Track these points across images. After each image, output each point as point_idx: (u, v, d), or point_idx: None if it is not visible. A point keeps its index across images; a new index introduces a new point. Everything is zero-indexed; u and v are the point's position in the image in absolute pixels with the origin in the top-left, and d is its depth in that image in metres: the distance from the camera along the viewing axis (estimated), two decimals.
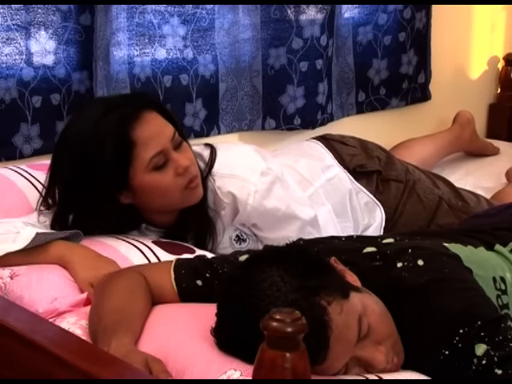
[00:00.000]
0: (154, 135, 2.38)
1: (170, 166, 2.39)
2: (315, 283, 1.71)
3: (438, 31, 3.80)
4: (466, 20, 3.93)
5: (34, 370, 1.72)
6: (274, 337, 1.32)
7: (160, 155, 2.37)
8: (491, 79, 4.04)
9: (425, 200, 3.02)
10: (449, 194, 3.06)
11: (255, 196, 2.54)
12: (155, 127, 2.40)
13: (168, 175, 2.40)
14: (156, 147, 2.36)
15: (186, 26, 3.21)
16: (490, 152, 3.83)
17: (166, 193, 2.42)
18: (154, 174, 2.38)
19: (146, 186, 2.39)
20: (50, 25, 2.94)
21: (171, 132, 2.42)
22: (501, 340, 1.76)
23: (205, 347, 1.77)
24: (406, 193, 3.02)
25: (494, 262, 2.07)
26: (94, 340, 1.84)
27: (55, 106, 2.98)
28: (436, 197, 3.03)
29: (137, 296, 1.94)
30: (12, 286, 2.20)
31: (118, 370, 1.62)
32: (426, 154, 3.55)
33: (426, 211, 3.00)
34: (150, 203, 2.45)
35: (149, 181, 2.38)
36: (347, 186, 2.92)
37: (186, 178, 2.42)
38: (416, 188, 3.04)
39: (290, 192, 2.66)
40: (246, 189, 2.54)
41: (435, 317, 1.83)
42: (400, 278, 1.90)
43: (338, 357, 1.71)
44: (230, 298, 1.75)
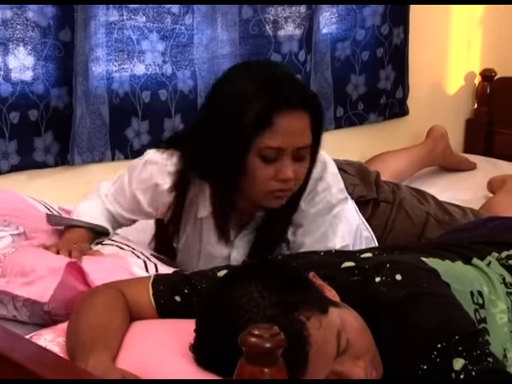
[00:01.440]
0: (288, 132, 2.33)
1: (274, 166, 2.34)
2: (294, 298, 1.70)
3: (415, 47, 3.81)
4: (442, 36, 3.94)
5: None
6: (252, 352, 1.32)
7: (274, 151, 2.33)
8: (468, 94, 4.05)
9: (413, 216, 3.02)
10: (435, 209, 3.06)
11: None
12: (295, 127, 2.34)
13: (266, 172, 2.35)
14: (278, 142, 2.32)
15: (164, 41, 3.22)
16: (466, 167, 3.84)
17: (255, 182, 2.37)
18: (259, 161, 2.34)
19: (249, 168, 2.34)
20: (28, 41, 2.94)
21: (304, 143, 2.36)
22: (478, 354, 1.76)
23: (183, 363, 1.75)
24: (394, 210, 3.02)
25: (472, 276, 2.06)
26: (71, 357, 1.83)
27: (33, 121, 2.98)
28: (423, 213, 3.03)
29: (115, 312, 1.92)
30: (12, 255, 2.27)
31: None
32: (399, 167, 3.56)
33: (415, 227, 3.00)
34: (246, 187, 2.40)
35: (252, 164, 2.34)
36: (356, 219, 2.87)
37: (277, 186, 2.36)
38: (403, 205, 3.04)
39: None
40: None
41: (413, 332, 1.82)
42: (378, 292, 1.90)
43: (316, 372, 1.70)
44: (208, 313, 1.75)
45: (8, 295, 2.15)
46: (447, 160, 3.79)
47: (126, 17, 3.13)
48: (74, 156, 3.05)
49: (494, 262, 2.15)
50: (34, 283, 2.15)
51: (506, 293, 2.07)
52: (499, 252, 2.19)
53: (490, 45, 4.04)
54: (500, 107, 3.97)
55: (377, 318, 1.85)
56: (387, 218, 3.01)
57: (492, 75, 3.99)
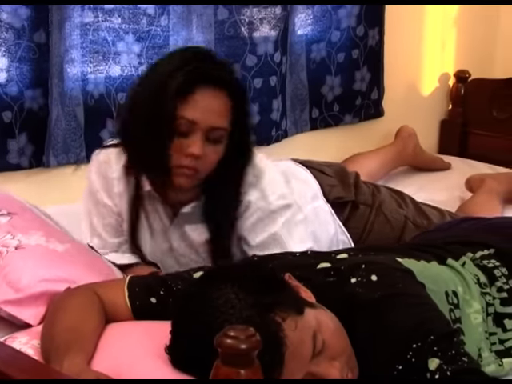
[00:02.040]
0: (204, 108, 2.30)
1: (185, 141, 2.30)
2: (270, 300, 1.70)
3: (390, 48, 3.81)
4: (417, 37, 3.95)
5: None
6: (228, 354, 1.31)
7: (187, 123, 2.29)
8: (442, 96, 4.06)
9: (392, 220, 3.00)
10: (413, 213, 3.04)
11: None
12: (213, 105, 2.31)
13: (176, 144, 2.30)
14: (193, 115, 2.29)
15: (140, 43, 3.20)
16: (440, 166, 3.84)
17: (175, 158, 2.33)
18: (174, 133, 2.30)
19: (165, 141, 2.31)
20: (2, 42, 2.91)
21: (220, 124, 2.33)
22: (453, 354, 1.77)
23: (159, 365, 1.75)
24: (373, 213, 2.99)
25: (447, 277, 2.07)
26: (46, 359, 1.82)
27: (7, 123, 2.95)
28: (402, 216, 3.02)
29: (90, 314, 1.91)
30: (13, 255, 2.19)
31: None
32: (371, 168, 3.55)
33: (393, 231, 2.98)
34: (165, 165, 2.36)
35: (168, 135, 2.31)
36: (330, 223, 2.88)
37: (183, 161, 2.31)
38: (382, 208, 3.03)
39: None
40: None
41: (389, 332, 1.82)
42: (354, 293, 1.90)
43: (292, 373, 1.70)
44: (184, 315, 1.74)
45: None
46: (418, 160, 3.79)
47: (101, 18, 3.11)
48: (50, 158, 3.03)
49: (468, 263, 2.16)
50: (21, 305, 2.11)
51: (481, 293, 2.08)
52: (474, 252, 2.20)
53: (464, 46, 4.05)
54: (474, 108, 3.98)
55: (352, 319, 1.85)
56: (366, 221, 2.98)
57: (466, 76, 4.00)
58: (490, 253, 2.20)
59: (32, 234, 2.29)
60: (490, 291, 2.10)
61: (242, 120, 2.39)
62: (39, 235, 2.30)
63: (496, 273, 2.14)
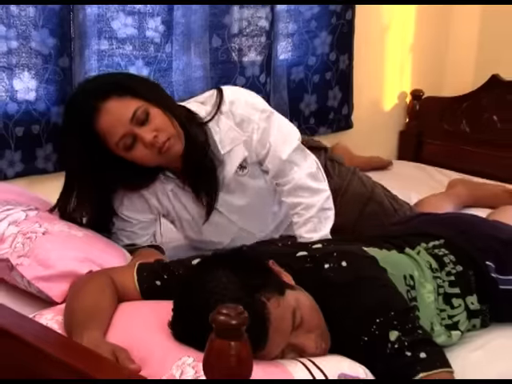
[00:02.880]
0: (114, 123, 2.22)
1: (137, 144, 2.24)
2: (256, 283, 1.70)
3: (358, 71, 3.81)
4: (380, 62, 3.95)
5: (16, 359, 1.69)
6: (220, 328, 1.31)
7: (125, 138, 2.23)
8: (401, 111, 4.06)
9: (365, 180, 2.99)
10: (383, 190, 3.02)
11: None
12: (113, 116, 2.22)
13: (139, 150, 2.25)
14: (117, 133, 2.22)
15: (148, 67, 3.18)
16: (379, 164, 3.77)
17: (145, 162, 2.30)
18: (128, 152, 2.25)
19: (129, 159, 2.28)
20: (32, 67, 2.90)
21: (131, 112, 2.23)
22: (410, 327, 1.78)
23: (163, 338, 1.75)
24: (350, 174, 2.97)
25: (404, 263, 2.07)
26: (68, 333, 1.81)
27: (35, 135, 2.94)
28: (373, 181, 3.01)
29: (105, 295, 1.91)
30: (41, 239, 2.17)
31: (89, 359, 1.60)
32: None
33: (365, 188, 2.96)
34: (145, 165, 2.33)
35: (127, 157, 2.27)
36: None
37: (154, 148, 2.24)
38: (357, 172, 3.00)
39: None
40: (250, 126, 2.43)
41: (356, 309, 1.82)
42: (327, 277, 1.90)
43: (275, 344, 1.70)
44: (184, 296, 1.74)
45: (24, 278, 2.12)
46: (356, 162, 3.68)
47: (115, 46, 3.09)
48: None
49: (422, 251, 2.16)
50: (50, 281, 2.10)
51: (433, 276, 2.09)
52: (427, 243, 2.20)
53: (418, 69, 4.06)
54: (427, 121, 3.98)
55: (326, 299, 1.85)
56: (343, 180, 2.94)
57: (420, 95, 4.00)
58: (441, 243, 2.20)
59: (56, 224, 2.28)
60: (440, 275, 2.11)
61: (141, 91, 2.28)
62: (61, 224, 2.29)
63: (445, 260, 2.15)
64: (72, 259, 2.13)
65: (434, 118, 3.95)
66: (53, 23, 2.90)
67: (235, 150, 2.44)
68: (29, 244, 2.16)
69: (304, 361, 1.72)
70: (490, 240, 2.25)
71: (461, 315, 2.07)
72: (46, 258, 2.12)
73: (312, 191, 2.49)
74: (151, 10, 3.13)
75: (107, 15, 3.03)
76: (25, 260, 2.12)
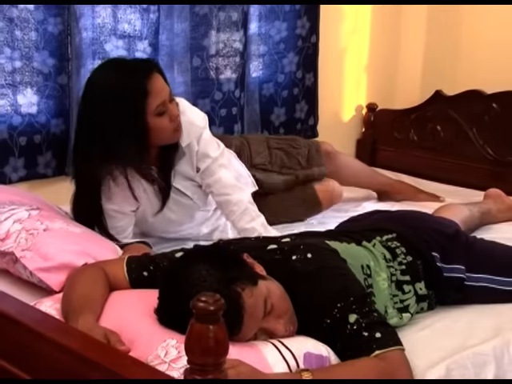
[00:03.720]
0: (160, 89, 2.37)
1: (166, 114, 2.38)
2: (232, 274, 1.68)
3: (322, 87, 3.79)
4: (340, 79, 3.93)
5: (19, 342, 1.67)
6: (200, 314, 1.30)
7: (162, 105, 2.36)
8: (358, 121, 4.04)
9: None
10: None
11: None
12: (161, 84, 2.38)
13: (165, 121, 2.38)
14: (161, 98, 2.36)
15: None
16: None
17: (163, 132, 2.40)
18: (157, 118, 2.37)
19: (153, 127, 2.37)
20: (34, 84, 2.89)
21: (169, 89, 2.42)
22: (367, 311, 1.77)
23: (150, 322, 1.72)
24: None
25: (362, 254, 2.06)
26: (65, 319, 1.79)
27: (37, 144, 2.93)
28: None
29: (98, 285, 1.88)
30: (42, 234, 2.15)
31: (84, 342, 1.59)
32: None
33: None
34: (154, 140, 2.41)
35: (154, 123, 2.36)
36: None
37: (175, 124, 2.42)
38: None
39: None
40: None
41: (320, 296, 1.81)
42: (294, 267, 1.88)
43: (249, 329, 1.69)
44: (168, 285, 1.72)
45: (27, 269, 2.10)
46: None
47: None
48: (70, 169, 2.94)
49: (377, 244, 2.15)
50: (49, 271, 2.07)
51: (386, 266, 2.08)
52: (381, 236, 2.19)
53: (373, 85, 4.04)
54: (381, 131, 3.97)
55: (294, 287, 1.83)
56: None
57: (375, 107, 3.99)
58: (393, 236, 2.19)
59: (56, 221, 2.25)
60: (393, 265, 2.10)
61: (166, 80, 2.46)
62: (61, 222, 2.27)
63: (397, 251, 2.14)
64: (69, 252, 2.11)
65: (387, 127, 3.94)
66: (52, 46, 2.89)
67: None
68: (31, 239, 2.14)
69: (274, 342, 1.71)
70: (436, 234, 2.25)
71: (411, 299, 2.07)
72: (46, 251, 2.10)
73: (238, 188, 2.59)
74: (139, 34, 3.10)
75: (101, 38, 3.01)
76: (27, 253, 2.10)
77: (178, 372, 1.55)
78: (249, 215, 2.55)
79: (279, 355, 1.66)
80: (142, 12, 3.08)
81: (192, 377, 1.32)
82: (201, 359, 1.31)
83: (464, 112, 3.67)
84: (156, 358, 1.62)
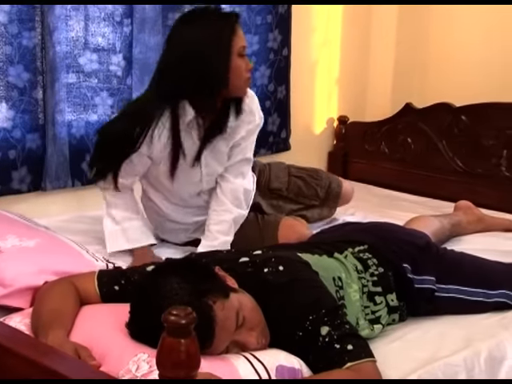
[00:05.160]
0: (242, 35, 2.47)
1: (244, 60, 2.46)
2: (203, 287, 1.65)
3: (294, 100, 3.78)
4: (312, 93, 3.93)
5: None
6: (171, 327, 1.27)
7: (243, 48, 2.45)
8: (329, 134, 4.04)
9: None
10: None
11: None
12: (242, 32, 2.48)
13: (243, 64, 2.45)
14: (243, 42, 2.46)
15: (112, 97, 3.12)
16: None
17: (239, 76, 2.44)
18: (239, 58, 2.43)
19: (233, 66, 2.41)
20: (9, 98, 2.84)
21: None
22: (339, 323, 1.75)
23: (121, 337, 1.69)
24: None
25: (334, 266, 2.04)
26: (35, 334, 1.75)
27: (11, 159, 2.87)
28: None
29: (68, 299, 1.84)
30: None
31: (54, 357, 1.55)
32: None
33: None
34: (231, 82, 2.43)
35: (235, 62, 2.41)
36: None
37: (247, 75, 2.47)
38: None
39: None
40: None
41: (292, 308, 1.79)
42: (266, 280, 1.86)
43: (221, 341, 1.66)
44: (139, 299, 1.69)
45: None
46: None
47: (82, 79, 3.03)
48: (46, 183, 2.95)
49: (349, 255, 2.13)
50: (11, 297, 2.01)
51: (358, 277, 2.06)
52: (353, 248, 2.17)
53: (344, 99, 4.04)
54: (352, 143, 3.97)
55: (266, 299, 1.80)
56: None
57: (346, 120, 3.99)
58: (365, 248, 2.18)
59: (7, 238, 2.19)
60: (364, 276, 2.08)
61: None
62: (13, 237, 2.20)
63: (369, 262, 2.12)
64: (27, 275, 2.04)
65: (358, 140, 3.95)
66: (27, 60, 2.85)
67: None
68: None
69: (246, 355, 1.69)
70: (407, 245, 2.25)
71: (382, 311, 2.05)
72: (3, 278, 2.03)
73: (239, 202, 2.59)
74: (113, 48, 3.08)
75: (74, 52, 2.99)
76: None
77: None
78: (226, 227, 2.58)
79: (251, 368, 1.64)
80: (116, 25, 3.05)
81: None
82: (172, 373, 1.28)
83: (434, 124, 3.68)
84: (127, 372, 1.58)
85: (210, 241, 2.56)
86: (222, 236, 2.56)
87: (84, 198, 3.10)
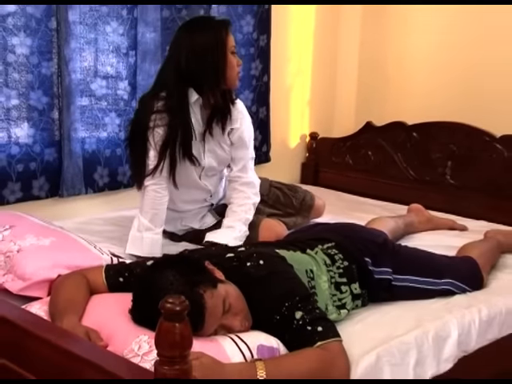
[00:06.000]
0: (232, 38, 2.48)
1: (235, 58, 2.49)
2: (195, 279, 1.64)
3: (273, 119, 3.76)
4: (287, 112, 3.92)
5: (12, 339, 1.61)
6: (167, 313, 1.27)
7: (233, 47, 2.48)
8: (302, 148, 4.02)
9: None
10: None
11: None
12: (232, 34, 2.50)
13: (235, 61, 2.48)
14: (233, 42, 2.48)
15: (120, 117, 3.09)
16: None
17: (232, 70, 2.47)
18: (231, 56, 2.46)
19: (228, 61, 2.45)
20: (31, 119, 2.82)
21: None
22: (310, 308, 1.74)
23: (125, 321, 1.68)
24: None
25: (306, 261, 2.03)
26: (52, 319, 1.73)
27: (32, 170, 2.85)
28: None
29: (80, 289, 1.82)
30: (17, 256, 2.07)
31: (68, 339, 1.55)
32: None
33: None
34: (227, 75, 2.47)
35: (229, 58, 2.45)
36: None
37: (238, 70, 2.50)
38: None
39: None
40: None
41: (271, 296, 1.77)
42: (249, 273, 1.85)
43: (210, 325, 1.65)
44: (141, 289, 1.67)
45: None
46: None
47: (94, 102, 3.01)
48: (63, 191, 2.92)
49: (319, 251, 2.12)
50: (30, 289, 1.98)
51: (327, 270, 2.05)
52: (322, 245, 2.16)
53: (314, 117, 4.03)
54: (321, 156, 3.96)
55: (248, 289, 1.79)
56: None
57: (316, 136, 3.98)
58: (332, 245, 2.17)
59: (26, 238, 2.16)
60: (332, 269, 2.07)
61: None
62: (31, 237, 2.17)
63: (336, 257, 2.11)
64: (43, 269, 2.01)
65: (327, 153, 3.94)
66: (45, 86, 2.83)
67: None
68: (9, 262, 2.06)
69: (232, 336, 1.68)
70: (368, 242, 2.24)
71: (347, 298, 2.04)
72: (23, 273, 2.01)
73: (256, 191, 2.68)
74: (120, 75, 3.05)
75: (87, 79, 2.97)
76: (9, 276, 2.03)
77: (149, 363, 1.51)
78: (248, 208, 2.63)
79: (236, 347, 1.63)
80: (122, 56, 3.03)
81: (161, 367, 1.28)
82: (169, 352, 1.27)
83: (390, 140, 3.68)
84: (130, 351, 1.57)
85: (232, 220, 2.57)
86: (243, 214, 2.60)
87: (95, 203, 3.08)
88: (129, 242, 2.47)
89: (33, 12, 2.72)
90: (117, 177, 3.11)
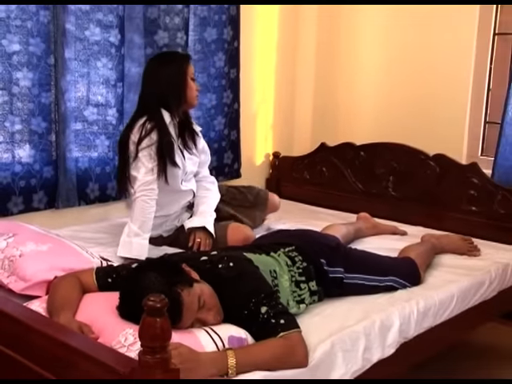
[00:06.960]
0: (192, 67, 2.64)
1: (194, 84, 2.63)
2: (174, 279, 1.64)
3: (243, 141, 3.75)
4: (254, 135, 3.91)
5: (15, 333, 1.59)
6: (149, 310, 1.26)
7: (192, 75, 2.63)
8: (266, 165, 4.01)
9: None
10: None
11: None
12: (192, 69, 2.64)
13: (194, 86, 2.62)
14: (193, 71, 2.63)
15: (109, 140, 3.05)
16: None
17: (192, 92, 2.61)
18: (191, 82, 2.60)
19: (188, 85, 2.59)
20: (31, 141, 2.78)
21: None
22: (274, 304, 1.74)
23: (113, 317, 1.66)
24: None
25: (270, 262, 2.03)
26: (49, 315, 1.71)
27: (33, 186, 2.81)
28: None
29: (74, 289, 1.80)
30: (18, 260, 2.03)
31: (64, 332, 1.53)
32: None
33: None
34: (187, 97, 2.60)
35: (190, 83, 2.60)
36: None
37: (196, 92, 2.64)
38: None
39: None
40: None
41: (240, 294, 1.77)
42: (220, 274, 1.84)
43: (187, 320, 1.65)
44: (126, 289, 1.66)
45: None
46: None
47: (86, 127, 2.97)
48: (59, 203, 2.88)
49: (281, 254, 2.12)
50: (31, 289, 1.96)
51: (288, 270, 2.06)
52: (284, 248, 2.16)
53: (277, 139, 4.01)
54: (283, 172, 3.95)
55: (220, 288, 1.79)
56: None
57: (278, 155, 3.97)
58: (293, 248, 2.17)
59: (27, 244, 2.13)
60: (292, 269, 2.08)
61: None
62: (31, 243, 2.14)
63: (296, 259, 2.11)
64: (41, 271, 1.99)
65: (287, 169, 3.94)
66: (44, 113, 2.79)
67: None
68: (12, 265, 2.03)
69: (206, 328, 1.67)
70: (323, 246, 2.25)
71: (306, 294, 2.05)
72: (24, 274, 1.98)
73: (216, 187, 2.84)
74: (109, 104, 3.02)
75: (81, 107, 2.93)
76: (12, 278, 2.00)
77: (134, 353, 1.49)
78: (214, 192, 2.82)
79: (210, 338, 1.62)
80: (111, 87, 3.01)
81: (145, 356, 1.28)
82: (151, 343, 1.27)
83: (341, 158, 3.70)
84: (118, 343, 1.56)
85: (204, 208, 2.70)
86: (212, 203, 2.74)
87: (87, 214, 3.04)
88: (120, 246, 2.45)
89: (34, 50, 2.71)
90: (106, 191, 3.08)
